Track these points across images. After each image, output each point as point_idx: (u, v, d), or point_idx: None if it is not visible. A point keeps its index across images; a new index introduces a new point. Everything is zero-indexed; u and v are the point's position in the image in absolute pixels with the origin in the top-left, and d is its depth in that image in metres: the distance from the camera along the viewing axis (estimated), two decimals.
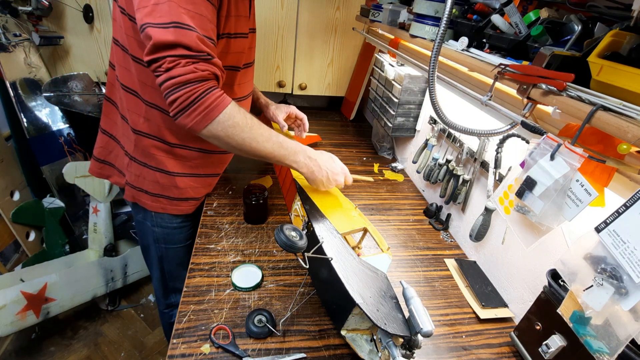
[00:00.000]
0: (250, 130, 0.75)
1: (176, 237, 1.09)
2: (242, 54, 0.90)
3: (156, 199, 1.00)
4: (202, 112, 0.69)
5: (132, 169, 0.98)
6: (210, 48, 0.69)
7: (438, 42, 0.74)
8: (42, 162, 1.86)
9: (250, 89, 1.06)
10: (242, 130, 0.74)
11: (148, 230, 1.08)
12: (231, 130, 0.73)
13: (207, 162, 1.01)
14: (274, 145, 0.79)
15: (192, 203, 1.05)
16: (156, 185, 0.98)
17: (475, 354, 0.80)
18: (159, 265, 1.15)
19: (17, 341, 1.71)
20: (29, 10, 1.63)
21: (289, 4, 1.66)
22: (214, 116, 0.71)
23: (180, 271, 1.16)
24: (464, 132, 0.78)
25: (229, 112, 0.72)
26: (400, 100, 1.39)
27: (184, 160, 0.97)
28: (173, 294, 1.23)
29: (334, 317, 0.75)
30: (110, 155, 1.06)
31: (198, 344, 0.73)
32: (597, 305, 0.52)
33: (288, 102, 2.23)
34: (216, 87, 0.71)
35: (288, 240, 0.65)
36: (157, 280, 1.20)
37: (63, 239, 1.87)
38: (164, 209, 1.02)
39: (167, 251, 1.12)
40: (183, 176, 0.99)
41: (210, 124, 0.71)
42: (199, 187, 1.04)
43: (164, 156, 0.95)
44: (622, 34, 0.49)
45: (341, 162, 0.94)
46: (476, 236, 0.99)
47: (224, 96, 0.72)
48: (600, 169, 0.53)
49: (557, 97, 0.53)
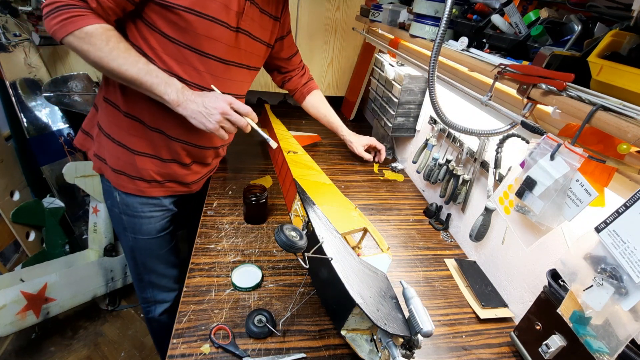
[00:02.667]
0: (110, 51, 0.75)
1: (144, 227, 1.06)
2: (215, 41, 0.87)
3: (117, 175, 0.98)
4: (60, 22, 0.72)
5: (99, 138, 0.98)
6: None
7: (438, 42, 0.74)
8: (42, 162, 1.86)
9: (238, 90, 1.02)
10: (99, 49, 0.74)
11: (117, 218, 1.06)
12: (86, 47, 0.74)
13: (170, 149, 0.97)
14: (139, 71, 0.78)
15: (155, 186, 1.01)
16: (118, 161, 0.96)
17: (475, 354, 0.80)
18: (131, 255, 1.13)
19: (17, 341, 1.71)
20: (29, 10, 1.64)
21: (289, 4, 1.65)
22: (70, 30, 0.72)
23: (155, 264, 1.14)
24: (464, 132, 0.78)
25: (87, 32, 0.73)
26: (400, 100, 1.39)
27: (144, 139, 0.94)
28: (149, 288, 1.20)
29: (334, 317, 0.75)
30: (92, 128, 1.04)
31: (198, 344, 0.73)
32: (597, 305, 0.52)
33: (287, 102, 2.23)
34: (82, 7, 0.73)
35: (288, 240, 0.65)
36: (132, 272, 1.19)
37: (63, 239, 1.87)
38: (124, 188, 0.99)
39: (136, 241, 1.09)
40: (143, 156, 0.96)
41: (67, 37, 0.73)
42: (162, 171, 1.00)
43: (125, 131, 0.93)
44: (622, 34, 0.49)
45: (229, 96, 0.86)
46: (476, 236, 0.99)
47: (87, 16, 0.73)
48: (600, 169, 0.53)
49: (557, 97, 0.53)
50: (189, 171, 1.05)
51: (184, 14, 0.79)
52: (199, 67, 0.88)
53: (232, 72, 0.96)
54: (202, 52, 0.87)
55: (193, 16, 0.80)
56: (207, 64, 0.89)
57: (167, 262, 1.16)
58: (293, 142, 1.30)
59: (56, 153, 1.90)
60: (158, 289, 1.19)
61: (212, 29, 0.85)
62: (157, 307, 1.21)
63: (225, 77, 0.95)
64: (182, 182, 1.05)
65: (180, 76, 0.86)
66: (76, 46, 0.75)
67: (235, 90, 1.00)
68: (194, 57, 0.86)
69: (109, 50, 0.75)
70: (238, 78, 1.00)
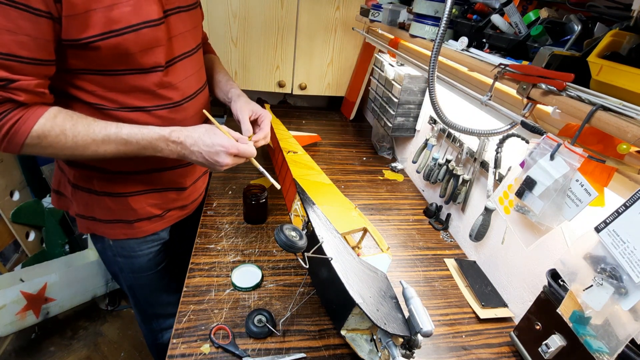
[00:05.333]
0: (74, 142, 0.65)
1: (144, 265, 0.98)
2: (155, 48, 0.71)
3: (113, 225, 0.88)
4: (2, 139, 0.62)
5: (77, 197, 0.86)
6: (8, 69, 0.58)
7: (438, 42, 0.74)
8: (42, 162, 1.86)
9: (199, 81, 0.87)
10: (64, 146, 0.65)
11: (110, 260, 0.97)
12: (50, 150, 0.65)
13: (162, 179, 0.88)
14: (117, 145, 0.68)
15: (155, 221, 0.92)
16: (109, 212, 0.86)
17: (475, 354, 0.80)
18: (131, 293, 1.06)
19: (17, 341, 1.71)
20: None
21: (289, 4, 1.66)
22: (19, 143, 0.62)
23: (158, 296, 1.07)
24: (464, 132, 0.78)
25: (37, 134, 0.62)
26: (400, 100, 1.39)
27: (131, 181, 0.84)
28: (154, 320, 1.13)
29: (334, 317, 0.75)
30: (64, 187, 0.90)
31: (198, 344, 0.73)
32: (597, 305, 0.52)
33: (287, 102, 2.23)
34: (11, 110, 0.61)
35: (288, 240, 0.65)
36: (133, 306, 1.12)
37: (63, 239, 1.87)
38: (125, 235, 0.90)
39: (136, 279, 1.01)
40: (136, 195, 0.86)
41: (23, 149, 0.63)
42: (160, 202, 0.91)
43: (105, 180, 0.82)
44: (622, 33, 0.49)
45: (224, 137, 0.74)
46: (476, 236, 0.99)
47: (24, 118, 0.61)
48: (600, 169, 0.53)
49: (557, 97, 0.53)
50: (188, 193, 0.98)
51: (102, 43, 0.64)
52: (150, 87, 0.74)
53: (186, 67, 0.82)
54: (143, 69, 0.72)
55: (115, 38, 0.65)
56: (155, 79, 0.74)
57: (169, 290, 1.09)
58: (293, 142, 1.29)
59: None
60: (163, 317, 1.14)
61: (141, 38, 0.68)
62: (165, 334, 1.16)
63: (183, 77, 0.81)
64: (182, 205, 0.98)
65: (135, 106, 0.75)
66: (38, 152, 0.65)
67: (199, 83, 0.88)
68: (138, 80, 0.72)
69: (73, 142, 0.65)
70: (194, 69, 0.85)
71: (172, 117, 0.80)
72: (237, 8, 1.63)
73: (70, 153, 0.67)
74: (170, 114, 0.80)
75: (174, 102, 0.80)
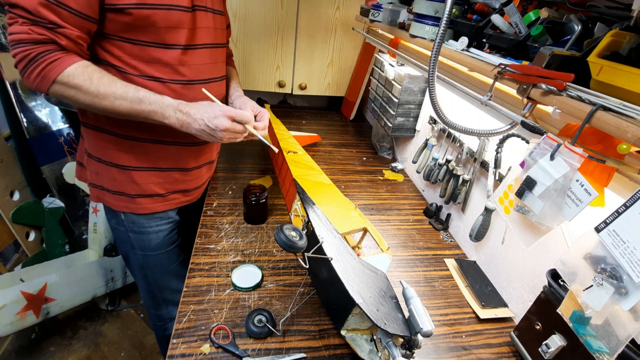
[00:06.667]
0: (96, 91, 0.74)
1: (153, 242, 1.03)
2: (179, 29, 0.81)
3: (118, 197, 0.94)
4: (39, 74, 0.70)
5: (91, 166, 0.95)
6: (59, 15, 0.68)
7: (438, 42, 0.74)
8: (42, 162, 1.86)
9: (214, 72, 0.96)
10: (87, 92, 0.73)
11: (124, 237, 1.02)
12: (73, 92, 0.73)
13: (167, 155, 0.94)
14: (132, 103, 0.76)
15: (158, 201, 0.97)
16: (114, 182, 0.93)
17: (475, 354, 0.80)
18: (141, 273, 1.09)
19: (17, 341, 1.71)
20: None
21: (289, 4, 1.66)
22: (52, 78, 0.70)
23: (168, 280, 1.11)
24: (464, 132, 0.78)
25: (69, 74, 0.71)
26: (400, 100, 1.39)
27: (137, 153, 0.91)
28: (164, 305, 1.16)
29: (334, 317, 0.75)
30: (83, 157, 0.99)
31: (198, 344, 0.73)
32: (597, 305, 0.52)
33: (288, 102, 2.23)
34: (53, 50, 0.70)
35: (288, 240, 0.65)
36: (143, 291, 1.15)
37: (63, 239, 1.87)
38: (127, 208, 0.96)
39: (146, 258, 1.05)
40: (140, 170, 0.92)
41: (52, 86, 0.72)
42: (163, 182, 0.96)
43: (114, 149, 0.90)
44: (622, 33, 0.49)
45: (222, 105, 0.84)
46: (476, 236, 0.99)
47: (62, 59, 0.71)
48: (600, 169, 0.53)
49: (557, 97, 0.53)
50: (191, 177, 1.01)
51: (135, 11, 0.74)
52: (170, 61, 0.84)
53: (204, 55, 0.91)
54: (166, 44, 0.82)
55: (147, 11, 0.75)
56: (175, 55, 0.84)
57: (179, 276, 1.11)
58: (293, 142, 1.29)
59: (56, 153, 1.90)
60: (173, 305, 1.15)
61: (169, 18, 0.79)
62: (172, 324, 1.17)
63: (198, 62, 0.90)
64: (185, 190, 1.01)
65: (154, 76, 0.84)
66: (62, 93, 0.73)
67: (214, 74, 0.96)
68: (159, 53, 0.82)
69: (95, 89, 0.74)
70: (211, 60, 0.94)
71: (184, 93, 0.88)
72: (237, 8, 1.63)
73: (89, 101, 0.75)
74: (183, 90, 0.88)
75: (188, 79, 0.88)
